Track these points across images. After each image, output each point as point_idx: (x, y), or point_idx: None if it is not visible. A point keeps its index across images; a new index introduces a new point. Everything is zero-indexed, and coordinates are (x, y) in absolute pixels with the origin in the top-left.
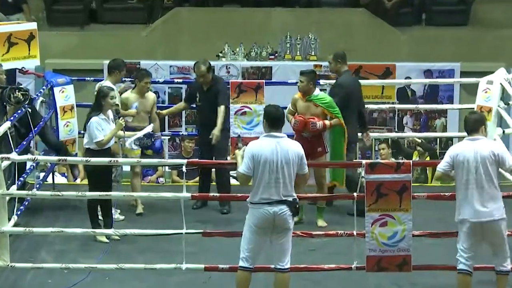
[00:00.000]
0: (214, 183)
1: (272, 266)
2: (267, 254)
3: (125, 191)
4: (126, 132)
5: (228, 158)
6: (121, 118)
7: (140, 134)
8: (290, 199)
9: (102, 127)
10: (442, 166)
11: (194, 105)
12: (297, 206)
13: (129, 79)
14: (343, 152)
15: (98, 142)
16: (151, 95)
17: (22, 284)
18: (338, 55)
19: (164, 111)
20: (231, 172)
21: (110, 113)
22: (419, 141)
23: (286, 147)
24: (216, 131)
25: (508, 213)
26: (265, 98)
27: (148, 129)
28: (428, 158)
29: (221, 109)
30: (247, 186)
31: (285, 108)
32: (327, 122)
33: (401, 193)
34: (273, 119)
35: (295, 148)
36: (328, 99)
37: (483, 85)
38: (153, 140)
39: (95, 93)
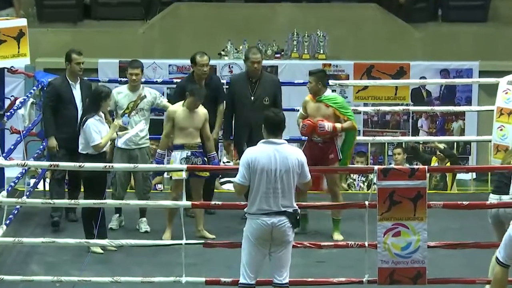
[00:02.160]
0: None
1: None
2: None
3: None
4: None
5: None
6: (114, 119)
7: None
8: (290, 210)
9: (99, 129)
10: None
11: None
12: (298, 217)
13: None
14: (348, 159)
15: (95, 145)
16: (202, 111)
17: None
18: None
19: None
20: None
21: (101, 114)
22: (441, 147)
23: (285, 154)
24: (215, 134)
25: None
26: None
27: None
28: (448, 165)
29: (222, 107)
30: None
31: (290, 110)
32: (338, 125)
33: (416, 201)
34: (272, 125)
35: (296, 155)
36: (340, 100)
37: (503, 86)
38: (209, 160)
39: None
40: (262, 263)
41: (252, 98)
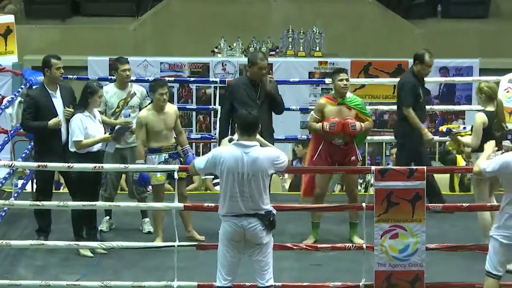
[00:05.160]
0: None
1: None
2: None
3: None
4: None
5: None
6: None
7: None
8: (262, 212)
9: (85, 126)
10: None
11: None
12: (272, 219)
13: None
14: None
15: (76, 141)
16: (171, 108)
17: None
18: None
19: None
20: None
21: (97, 113)
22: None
23: (254, 157)
24: None
25: None
26: None
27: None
28: None
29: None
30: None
31: (285, 109)
32: (363, 124)
33: (414, 202)
34: (244, 125)
35: (266, 155)
36: (360, 101)
37: (504, 84)
38: (182, 157)
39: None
40: (237, 266)
41: (258, 101)
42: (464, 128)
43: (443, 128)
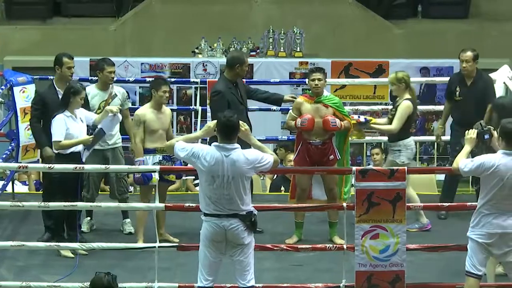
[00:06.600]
0: None
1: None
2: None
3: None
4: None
5: None
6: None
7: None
8: (242, 213)
9: (66, 126)
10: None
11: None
12: (253, 219)
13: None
14: (348, 159)
15: (55, 142)
16: (167, 109)
17: None
18: None
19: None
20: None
21: (78, 112)
22: None
23: (234, 160)
24: None
25: None
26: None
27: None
28: None
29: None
30: None
31: (266, 110)
32: (342, 122)
33: (395, 203)
34: (222, 128)
35: (246, 158)
36: (337, 99)
37: None
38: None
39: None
40: (218, 266)
41: (243, 104)
42: (359, 117)
43: (359, 118)
